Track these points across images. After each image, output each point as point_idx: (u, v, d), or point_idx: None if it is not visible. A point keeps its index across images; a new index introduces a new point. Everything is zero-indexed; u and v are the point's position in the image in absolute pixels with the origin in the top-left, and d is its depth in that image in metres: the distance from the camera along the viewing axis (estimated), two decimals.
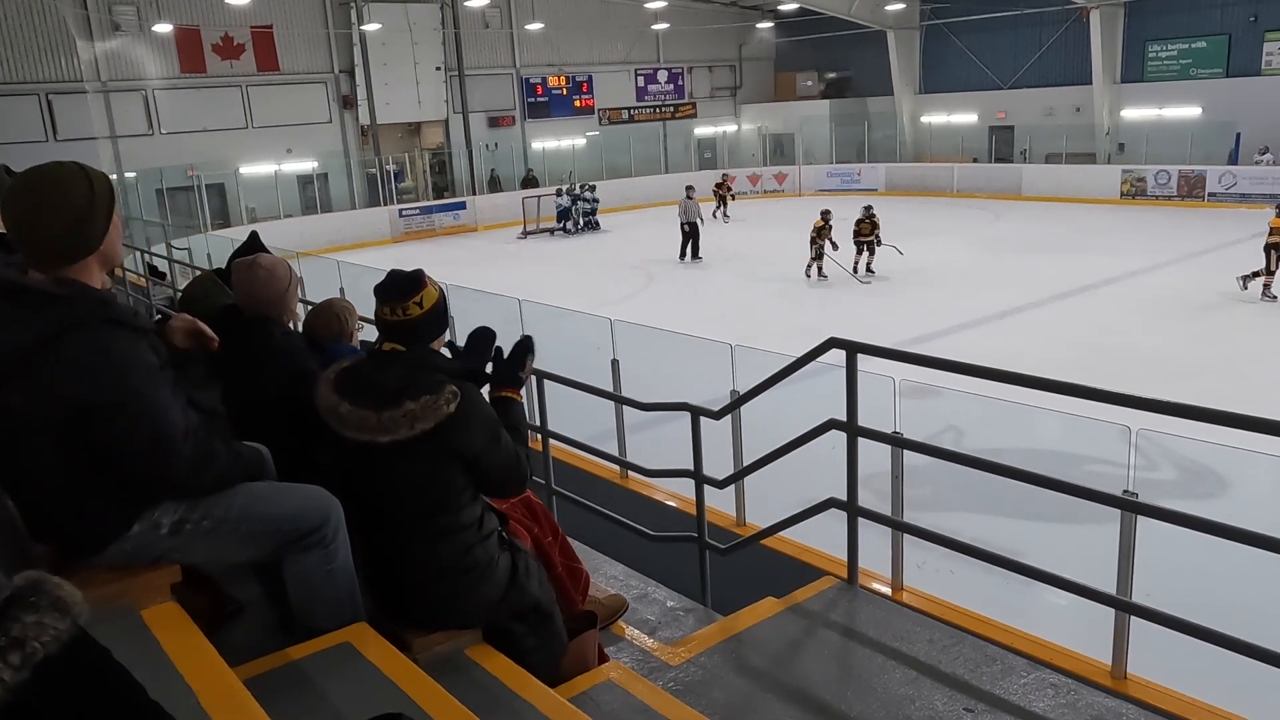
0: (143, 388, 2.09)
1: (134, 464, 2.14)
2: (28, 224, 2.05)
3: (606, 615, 3.35)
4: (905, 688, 3.08)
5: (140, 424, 2.09)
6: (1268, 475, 6.00)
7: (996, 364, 3.28)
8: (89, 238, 2.08)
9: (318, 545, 2.44)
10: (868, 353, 3.59)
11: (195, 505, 2.28)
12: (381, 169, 27.40)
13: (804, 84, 34.62)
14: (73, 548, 2.21)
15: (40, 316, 2.00)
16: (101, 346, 2.04)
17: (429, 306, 2.49)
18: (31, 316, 2.00)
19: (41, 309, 2.01)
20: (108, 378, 2.04)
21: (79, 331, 2.02)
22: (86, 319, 2.03)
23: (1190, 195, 24.43)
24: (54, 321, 2.00)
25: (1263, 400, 8.71)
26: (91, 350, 2.03)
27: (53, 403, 2.02)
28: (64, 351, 2.00)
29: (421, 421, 2.37)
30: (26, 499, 2.12)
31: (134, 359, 2.09)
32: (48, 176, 2.05)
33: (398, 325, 2.49)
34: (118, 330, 2.08)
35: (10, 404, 2.02)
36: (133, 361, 2.08)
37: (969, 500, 5.95)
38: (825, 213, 17.47)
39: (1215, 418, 2.78)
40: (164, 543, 2.26)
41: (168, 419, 2.14)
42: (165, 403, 2.14)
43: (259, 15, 24.98)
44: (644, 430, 6.65)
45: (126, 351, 2.08)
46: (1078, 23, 27.48)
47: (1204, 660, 3.16)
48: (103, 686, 1.16)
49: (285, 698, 2.14)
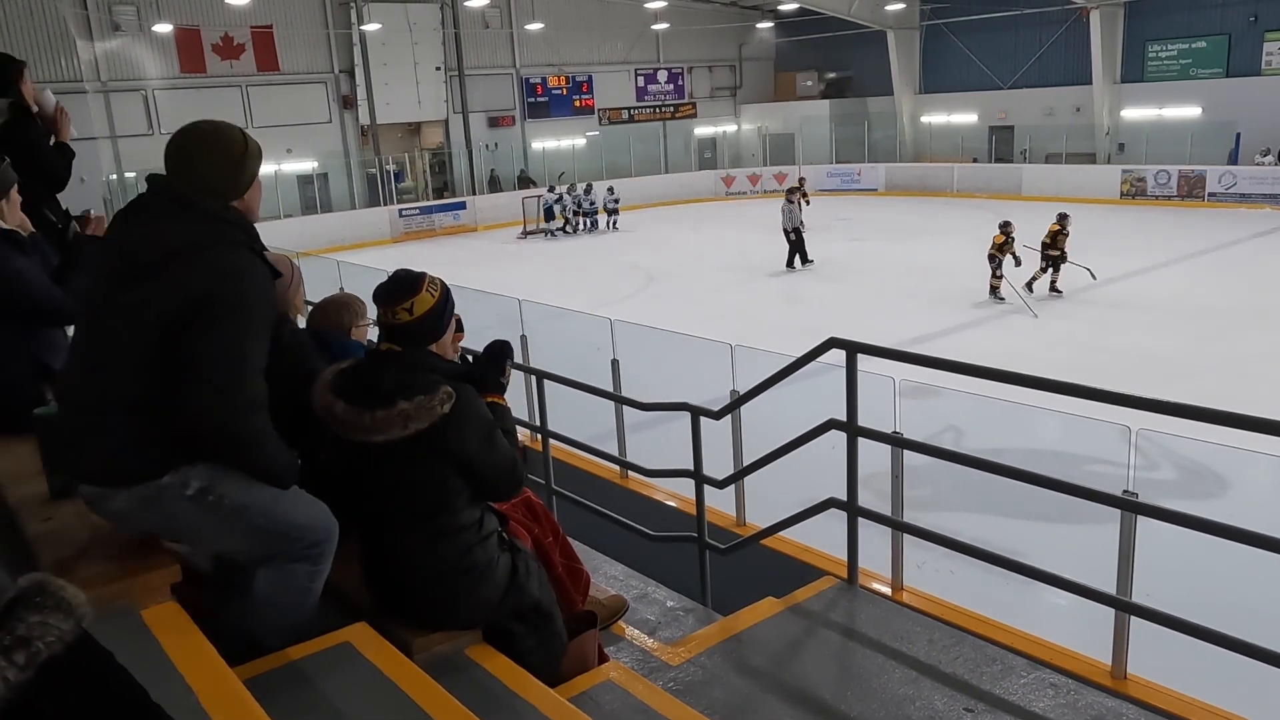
0: (254, 310, 2.25)
1: (207, 372, 2.18)
2: (193, 160, 2.28)
3: (607, 616, 3.35)
4: (905, 688, 3.08)
5: (232, 339, 2.20)
6: (1268, 475, 6.01)
7: (996, 364, 3.29)
8: (240, 183, 2.33)
9: (309, 560, 2.44)
10: (868, 353, 3.60)
11: (224, 479, 2.29)
12: (381, 169, 27.40)
13: (804, 84, 34.60)
14: (100, 474, 2.24)
15: (200, 227, 2.23)
16: (243, 263, 2.25)
17: (420, 313, 2.48)
18: (193, 226, 2.23)
19: (203, 222, 2.24)
20: (234, 282, 2.21)
21: (228, 247, 2.24)
22: (239, 241, 2.27)
23: (1190, 195, 24.42)
24: (210, 234, 2.23)
25: (1263, 400, 8.72)
26: (232, 262, 2.23)
27: (177, 295, 2.16)
28: (208, 257, 2.20)
29: (415, 421, 2.38)
30: (91, 403, 2.22)
31: (262, 288, 2.29)
32: (212, 126, 2.33)
33: (390, 328, 2.52)
34: (259, 261, 2.30)
35: (142, 296, 2.17)
36: (259, 289, 2.28)
37: (969, 500, 5.95)
38: (1006, 225, 14.94)
39: (1215, 418, 2.78)
40: (181, 505, 2.26)
41: (254, 351, 2.25)
42: (258, 339, 2.27)
43: (259, 15, 24.96)
44: (644, 430, 6.65)
45: (259, 279, 2.28)
46: (1078, 23, 27.46)
47: (1204, 660, 3.17)
48: (106, 687, 1.17)
49: (285, 698, 2.14)
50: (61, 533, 2.43)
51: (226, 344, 2.19)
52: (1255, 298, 13.14)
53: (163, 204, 2.27)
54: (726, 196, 31.31)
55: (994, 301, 14.59)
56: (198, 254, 2.19)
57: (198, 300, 2.15)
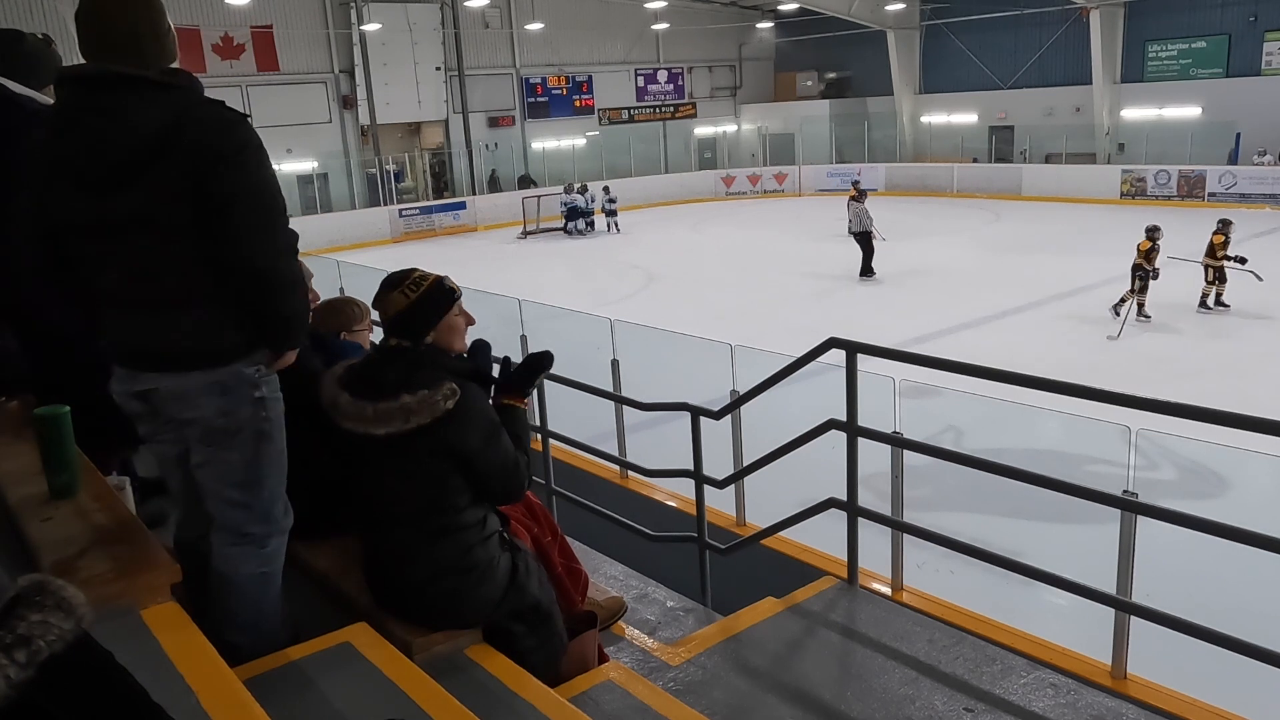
0: (263, 150, 2.24)
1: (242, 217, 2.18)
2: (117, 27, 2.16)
3: (605, 617, 3.34)
4: (905, 688, 3.08)
5: (259, 182, 2.21)
6: (1268, 475, 6.01)
7: (996, 364, 3.29)
8: (169, 42, 2.24)
9: (254, 542, 2.43)
10: (868, 353, 3.60)
11: (275, 404, 2.37)
12: (381, 169, 27.40)
13: (804, 84, 34.61)
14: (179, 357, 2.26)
15: (167, 98, 2.15)
16: (226, 115, 2.20)
17: (393, 313, 2.52)
18: (158, 99, 2.14)
19: (163, 93, 2.16)
20: (236, 131, 2.18)
21: (204, 105, 2.18)
22: (205, 100, 2.21)
23: (1190, 195, 24.42)
24: (180, 101, 2.16)
25: (1263, 400, 8.72)
26: (218, 117, 2.18)
27: (192, 159, 2.12)
28: (196, 115, 2.15)
29: (417, 415, 2.39)
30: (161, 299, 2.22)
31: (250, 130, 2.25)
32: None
33: (385, 323, 2.56)
34: (229, 109, 2.24)
35: (160, 177, 2.12)
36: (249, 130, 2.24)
37: (969, 500, 5.96)
38: (1154, 231, 13.26)
39: (1215, 418, 2.78)
40: (243, 405, 2.31)
41: (279, 191, 2.27)
42: (275, 178, 2.27)
43: (259, 15, 24.97)
44: (644, 430, 6.65)
45: (243, 124, 2.24)
46: (1078, 23, 27.47)
47: (1204, 660, 3.17)
48: (106, 687, 1.17)
49: (285, 698, 2.14)
50: (61, 533, 2.43)
51: (256, 187, 2.20)
52: (1255, 298, 13.13)
53: (119, 94, 2.14)
54: (726, 197, 31.31)
55: (1141, 321, 12.98)
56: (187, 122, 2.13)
57: (214, 157, 2.13)
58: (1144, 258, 13.03)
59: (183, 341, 2.26)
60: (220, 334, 2.27)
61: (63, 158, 2.20)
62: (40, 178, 2.27)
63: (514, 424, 2.65)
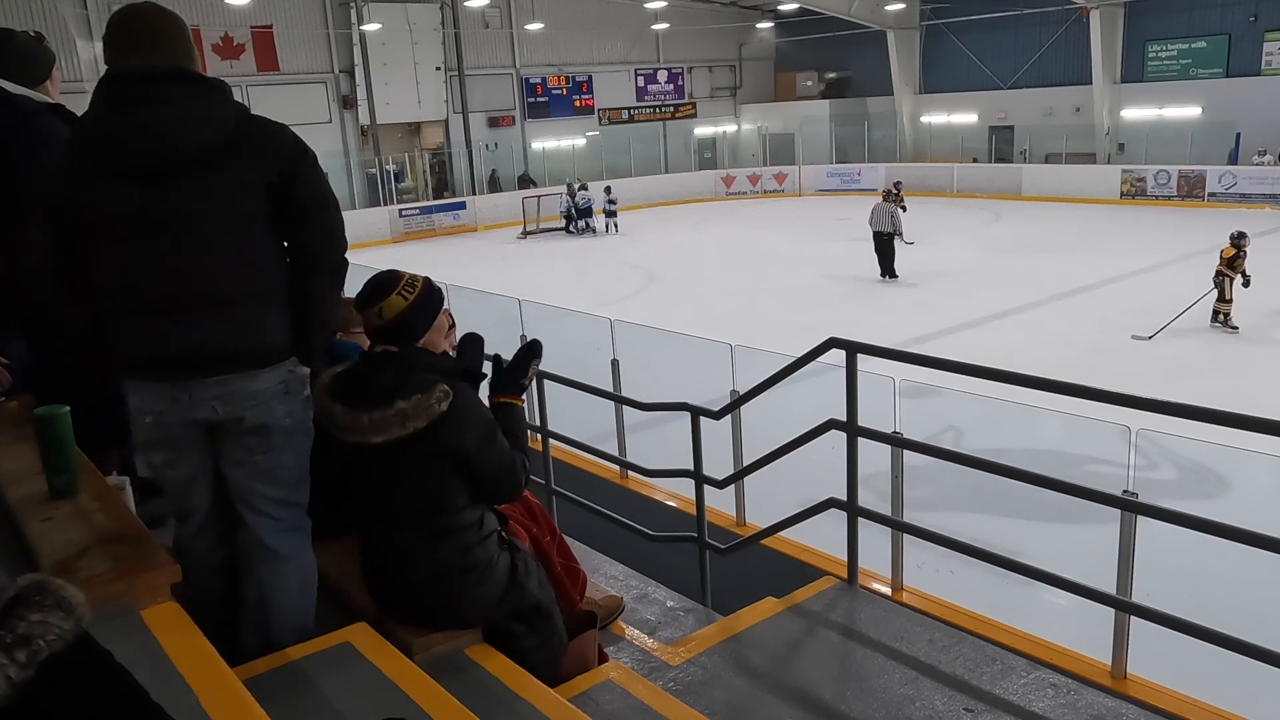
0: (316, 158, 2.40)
1: (314, 217, 2.33)
2: (165, 34, 2.28)
3: (603, 616, 3.34)
4: (905, 688, 3.08)
5: (322, 184, 2.36)
6: (1268, 475, 6.01)
7: (997, 364, 3.29)
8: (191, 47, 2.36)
9: (304, 536, 2.53)
10: (868, 353, 3.60)
11: (307, 404, 2.46)
12: (381, 169, 27.40)
13: (804, 84, 34.61)
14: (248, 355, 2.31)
15: (224, 97, 2.30)
16: (276, 123, 2.35)
17: (389, 317, 2.46)
18: (216, 97, 2.28)
19: (221, 93, 2.30)
20: (297, 138, 2.35)
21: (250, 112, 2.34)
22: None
23: (1190, 195, 24.42)
24: (234, 103, 2.32)
25: (1263, 400, 8.72)
26: (274, 123, 2.33)
27: (269, 159, 2.26)
28: (257, 118, 2.31)
29: (414, 420, 2.38)
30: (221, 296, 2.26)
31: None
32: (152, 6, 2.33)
33: (370, 330, 2.54)
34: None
35: (233, 171, 2.22)
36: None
37: (969, 500, 5.96)
38: (1240, 237, 12.60)
39: (1215, 418, 2.78)
40: (296, 402, 2.39)
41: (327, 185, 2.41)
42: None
43: (259, 15, 24.96)
44: (644, 430, 6.65)
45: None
46: (1078, 23, 27.46)
47: (1204, 660, 3.17)
48: (106, 687, 1.17)
49: (285, 698, 2.14)
50: (61, 533, 2.42)
51: (319, 189, 2.34)
52: (1255, 297, 13.12)
53: (179, 87, 2.23)
54: (726, 196, 31.31)
55: (1226, 331, 12.39)
56: (256, 129, 2.27)
57: (294, 162, 2.28)
58: (1227, 265, 12.56)
59: (246, 338, 2.28)
60: (280, 330, 2.33)
61: (108, 149, 2.21)
62: (68, 172, 2.26)
63: (511, 422, 2.64)
